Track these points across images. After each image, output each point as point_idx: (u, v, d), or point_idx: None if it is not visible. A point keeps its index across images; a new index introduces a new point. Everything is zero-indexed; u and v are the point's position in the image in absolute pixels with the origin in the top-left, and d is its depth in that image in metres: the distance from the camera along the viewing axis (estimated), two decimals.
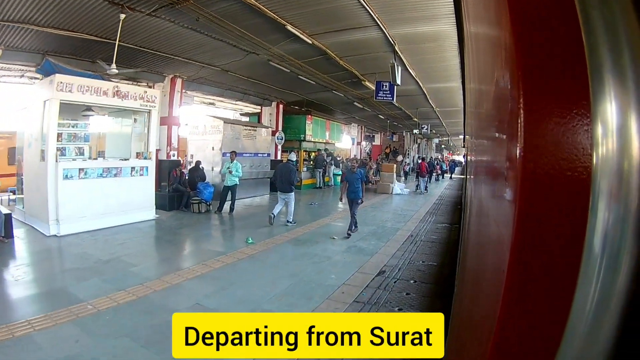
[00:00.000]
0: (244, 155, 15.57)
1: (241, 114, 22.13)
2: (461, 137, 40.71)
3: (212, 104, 22.21)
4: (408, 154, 32.19)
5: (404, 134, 34.44)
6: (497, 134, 0.90)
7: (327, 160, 20.85)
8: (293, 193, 10.34)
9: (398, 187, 18.63)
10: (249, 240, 8.49)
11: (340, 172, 21.92)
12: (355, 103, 19.35)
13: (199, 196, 12.58)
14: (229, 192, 12.28)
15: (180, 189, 12.80)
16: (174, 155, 13.94)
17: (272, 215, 10.17)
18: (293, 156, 11.26)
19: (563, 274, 0.53)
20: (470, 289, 1.61)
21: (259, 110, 19.73)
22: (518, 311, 0.59)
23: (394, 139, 35.40)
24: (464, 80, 12.73)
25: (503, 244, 0.63)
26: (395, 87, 13.13)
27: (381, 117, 24.26)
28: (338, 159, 27.02)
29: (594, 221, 0.51)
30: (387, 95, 13.28)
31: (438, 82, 15.05)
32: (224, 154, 14.65)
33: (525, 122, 0.58)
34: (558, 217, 0.54)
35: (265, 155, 17.10)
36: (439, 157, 48.67)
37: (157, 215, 11.09)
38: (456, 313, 2.65)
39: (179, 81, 13.65)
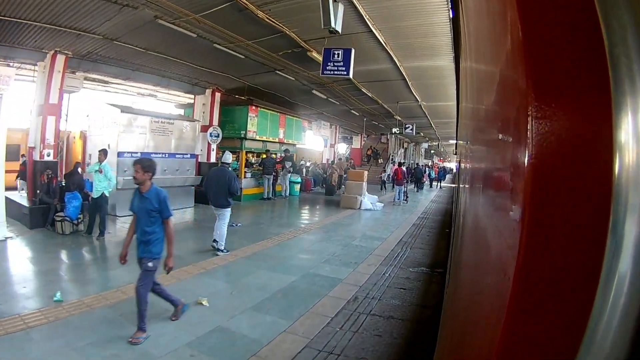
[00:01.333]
0: (153, 155, 11.43)
1: (176, 106, 18.22)
2: (452, 142, 36.73)
3: (153, 95, 18.43)
4: (393, 159, 27.84)
5: (388, 137, 30.22)
6: (502, 137, 0.79)
7: (286, 166, 16.50)
8: (229, 209, 7.63)
9: (368, 200, 14.30)
10: (57, 297, 4.94)
11: (299, 180, 17.70)
12: (315, 92, 15.06)
13: (64, 211, 8.88)
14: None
15: (46, 201, 9.19)
16: (48, 155, 10.15)
17: (216, 243, 7.52)
18: (228, 157, 8.05)
19: (579, 297, 0.48)
20: (466, 306, 1.36)
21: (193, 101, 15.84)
22: (525, 332, 0.52)
23: (382, 140, 31.26)
24: (458, 58, 8.64)
25: (507, 258, 0.56)
26: (352, 55, 8.91)
27: (355, 113, 19.95)
28: (308, 164, 22.84)
29: (618, 235, 0.45)
30: (340, 68, 9.09)
31: (421, 59, 10.83)
32: (119, 155, 10.88)
33: (536, 125, 0.51)
34: (575, 230, 0.49)
35: (188, 156, 13.27)
36: (429, 163, 44.73)
37: (9, 236, 8.03)
38: (446, 324, 2.52)
39: (60, 58, 10.13)
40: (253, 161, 16.51)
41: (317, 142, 25.45)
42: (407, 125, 21.09)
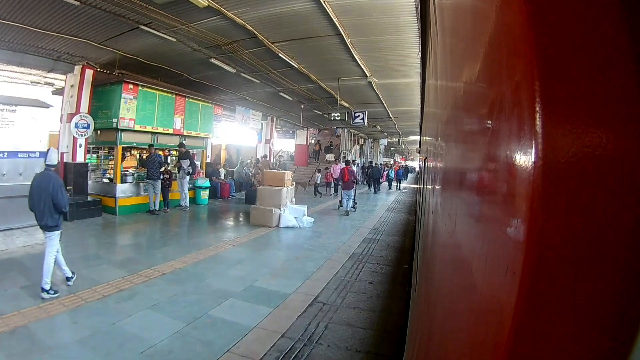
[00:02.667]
0: None
1: (53, 92, 13.87)
2: (413, 138, 32.93)
3: (50, 83, 14.40)
4: (344, 157, 23.52)
5: (341, 131, 26.04)
6: (492, 127, 0.61)
7: (184, 166, 11.86)
8: (58, 231, 5.29)
9: (291, 213, 9.84)
10: None
11: (206, 184, 13.13)
12: (214, 61, 10.54)
13: None
14: None
15: None
16: None
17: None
18: (53, 157, 5.39)
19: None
20: (446, 309, 1.11)
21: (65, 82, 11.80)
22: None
23: (338, 134, 27.06)
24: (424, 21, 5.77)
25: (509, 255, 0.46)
26: None
27: (286, 97, 15.42)
28: (247, 161, 18.22)
29: None
30: None
31: None
32: None
33: (545, 108, 0.39)
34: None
35: (37, 155, 9.23)
36: (390, 162, 41.11)
37: None
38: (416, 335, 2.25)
39: None
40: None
41: (249, 136, 20.87)
42: (357, 114, 16.73)
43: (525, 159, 0.42)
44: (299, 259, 7.06)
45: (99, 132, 11.38)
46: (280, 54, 9.75)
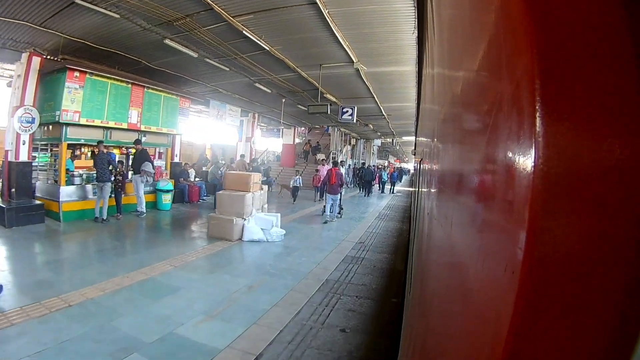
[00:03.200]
0: None
1: (7, 85, 12.24)
2: (406, 138, 31.37)
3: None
4: (333, 156, 21.87)
5: (331, 130, 24.44)
6: (489, 126, 0.61)
7: (146, 169, 10.20)
8: None
9: (257, 223, 8.16)
10: None
11: (168, 187, 11.47)
12: (169, 42, 8.92)
13: None
14: None
15: None
16: None
17: None
18: None
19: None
20: (442, 312, 1.09)
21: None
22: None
23: (329, 132, 25.48)
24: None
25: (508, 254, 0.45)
26: None
27: (264, 88, 13.68)
28: (222, 162, 16.51)
29: None
30: None
31: None
32: None
33: (545, 109, 0.39)
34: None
35: None
36: (385, 164, 39.60)
37: None
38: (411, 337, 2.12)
39: None
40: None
41: (230, 134, 19.19)
42: (345, 110, 15.10)
43: (524, 158, 0.42)
44: (252, 289, 5.39)
45: (50, 127, 9.77)
46: (245, 32, 8.10)
